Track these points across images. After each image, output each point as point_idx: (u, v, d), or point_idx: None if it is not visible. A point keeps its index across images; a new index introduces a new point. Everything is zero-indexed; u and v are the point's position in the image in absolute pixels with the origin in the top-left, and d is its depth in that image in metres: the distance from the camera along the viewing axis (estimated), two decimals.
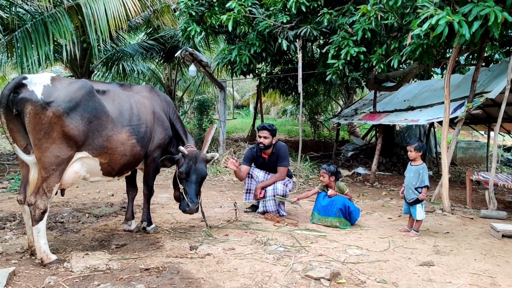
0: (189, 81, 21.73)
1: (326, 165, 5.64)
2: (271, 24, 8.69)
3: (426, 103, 9.31)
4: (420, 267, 3.88)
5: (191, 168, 4.50)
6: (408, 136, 13.42)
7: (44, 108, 3.44)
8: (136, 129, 4.17)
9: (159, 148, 4.59)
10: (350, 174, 10.66)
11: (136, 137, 4.17)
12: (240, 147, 12.15)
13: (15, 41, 8.64)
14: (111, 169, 4.09)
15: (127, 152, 4.10)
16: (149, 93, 4.68)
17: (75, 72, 13.57)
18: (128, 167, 4.32)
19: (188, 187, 4.49)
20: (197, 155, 4.56)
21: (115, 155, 4.01)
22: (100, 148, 3.88)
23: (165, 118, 4.68)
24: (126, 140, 4.06)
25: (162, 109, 4.68)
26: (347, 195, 5.45)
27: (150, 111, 4.45)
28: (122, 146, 4.03)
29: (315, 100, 18.64)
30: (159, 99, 4.74)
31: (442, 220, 5.86)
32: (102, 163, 3.98)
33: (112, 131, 3.94)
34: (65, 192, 4.17)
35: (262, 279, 3.45)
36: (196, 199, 4.47)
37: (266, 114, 32.14)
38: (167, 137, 4.67)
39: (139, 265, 3.65)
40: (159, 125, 4.55)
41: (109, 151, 3.95)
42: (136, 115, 4.21)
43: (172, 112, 4.87)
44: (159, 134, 4.54)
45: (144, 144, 4.31)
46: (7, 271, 3.26)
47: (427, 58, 6.60)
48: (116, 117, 4.00)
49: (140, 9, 9.29)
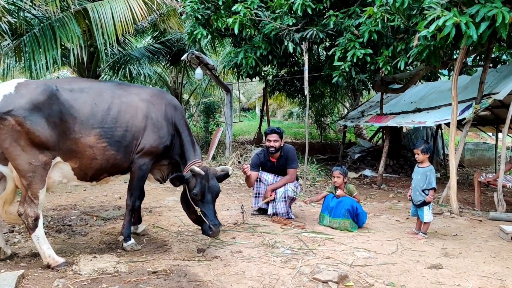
0: (195, 84, 21.80)
1: (339, 166, 5.62)
2: (277, 26, 8.70)
3: (433, 104, 9.26)
4: (428, 269, 3.85)
5: (205, 188, 4.11)
6: (415, 138, 13.36)
7: (3, 118, 3.41)
8: (109, 132, 3.93)
9: (149, 156, 4.22)
10: (357, 177, 10.62)
11: (109, 140, 3.92)
12: (246, 149, 12.15)
13: (23, 45, 8.71)
14: (83, 173, 3.94)
15: (98, 156, 3.89)
16: (149, 97, 4.34)
17: (82, 76, 13.66)
18: (104, 172, 4.06)
19: (205, 208, 4.10)
20: (208, 172, 4.19)
21: (84, 159, 3.85)
22: (68, 152, 3.77)
23: (165, 125, 4.32)
24: (95, 143, 3.85)
25: (163, 115, 4.33)
26: (355, 198, 5.43)
27: (141, 115, 4.16)
28: (90, 149, 3.84)
29: (322, 103, 18.62)
30: (163, 104, 4.39)
31: (451, 222, 5.82)
32: (74, 167, 3.86)
33: (80, 133, 3.78)
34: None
35: (270, 282, 3.45)
36: (217, 220, 4.12)
37: (272, 116, 32.15)
38: (162, 146, 4.28)
39: (147, 268, 3.66)
40: (153, 132, 4.20)
41: (77, 155, 3.82)
42: (113, 117, 3.97)
43: (179, 118, 4.51)
44: (151, 141, 4.19)
45: (122, 148, 4.03)
46: (16, 274, 3.29)
47: (434, 59, 6.57)
48: (86, 119, 3.82)
49: (147, 13, 9.33)
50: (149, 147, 4.19)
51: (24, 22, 8.91)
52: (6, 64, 11.12)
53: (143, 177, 4.32)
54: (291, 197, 5.66)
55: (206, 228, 4.10)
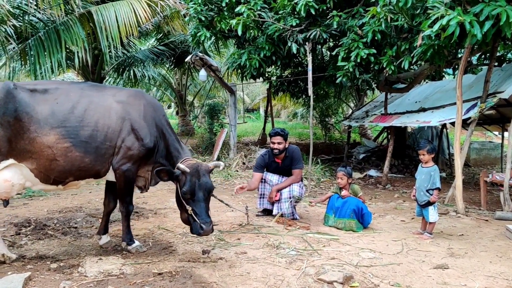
0: (199, 86, 21.86)
1: (343, 167, 5.61)
2: (281, 27, 8.70)
3: (438, 104, 9.23)
4: (434, 270, 3.84)
5: (195, 185, 3.89)
6: (420, 138, 13.30)
7: None
8: (73, 132, 3.72)
9: (130, 161, 3.99)
10: (362, 177, 10.60)
11: (72, 140, 3.71)
12: (251, 150, 12.17)
13: (28, 49, 8.79)
14: (45, 176, 3.75)
15: (59, 157, 3.69)
16: (126, 98, 4.12)
17: (87, 79, 13.74)
18: (69, 175, 3.83)
19: (196, 207, 3.89)
20: (199, 169, 3.96)
21: (42, 160, 3.66)
22: (23, 152, 3.61)
23: (144, 126, 4.07)
24: (55, 143, 3.66)
25: (143, 116, 4.09)
26: (360, 198, 5.42)
27: (115, 116, 3.94)
28: (49, 150, 3.65)
29: (326, 103, 18.58)
30: (141, 105, 4.15)
31: (456, 222, 5.79)
32: (31, 169, 3.68)
33: (35, 133, 3.60)
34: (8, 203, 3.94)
35: (275, 283, 3.45)
36: (208, 219, 3.89)
37: (277, 117, 32.12)
38: (143, 149, 4.04)
39: (152, 269, 3.68)
40: (131, 134, 3.98)
41: (34, 155, 3.64)
42: (78, 116, 3.76)
43: (160, 119, 4.27)
44: (129, 143, 3.96)
45: (91, 150, 3.82)
46: (23, 276, 3.31)
47: (438, 59, 6.55)
48: (44, 118, 3.64)
49: (151, 15, 9.39)
50: (128, 150, 3.97)
51: (29, 26, 8.98)
52: (12, 68, 11.18)
53: (129, 182, 4.10)
54: (297, 197, 5.66)
55: (196, 227, 3.87)
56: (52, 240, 4.72)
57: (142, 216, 5.98)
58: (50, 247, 4.43)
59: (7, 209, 6.18)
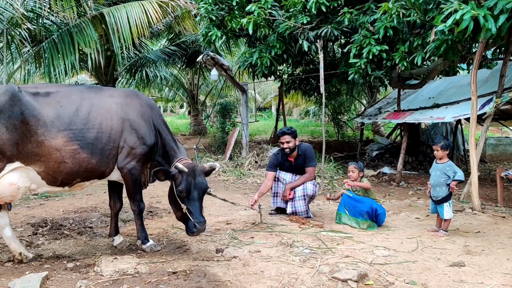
0: (211, 85, 21.95)
1: (354, 161, 5.61)
2: (292, 25, 8.67)
3: (452, 100, 9.11)
4: (450, 267, 3.79)
5: (191, 185, 3.99)
6: (434, 134, 13.16)
7: None
8: (80, 134, 3.78)
9: (135, 159, 4.08)
10: (376, 174, 10.52)
11: (80, 142, 3.78)
12: (263, 149, 12.16)
13: (42, 51, 8.92)
14: (52, 178, 3.78)
15: (67, 159, 3.74)
16: (123, 98, 4.19)
17: (100, 80, 13.90)
18: (76, 177, 3.89)
19: (191, 205, 3.99)
20: (195, 169, 4.06)
21: (50, 163, 3.69)
22: (30, 155, 3.62)
23: (144, 125, 4.16)
24: (63, 145, 3.70)
25: (140, 116, 4.17)
26: (364, 186, 5.40)
27: (116, 117, 4.02)
28: (58, 152, 3.69)
29: (338, 100, 18.49)
30: (139, 105, 4.23)
31: (472, 219, 5.72)
32: (39, 171, 3.71)
33: (43, 136, 3.63)
34: (11, 206, 3.98)
35: (289, 281, 3.45)
36: (202, 218, 4.00)
37: (289, 115, 32.09)
38: (144, 147, 4.13)
39: (167, 268, 3.70)
40: (132, 133, 4.06)
41: (42, 158, 3.66)
42: (83, 118, 3.83)
43: (156, 118, 4.35)
44: (131, 143, 4.05)
45: (97, 151, 3.89)
46: (40, 276, 3.36)
47: (452, 54, 6.46)
48: (51, 121, 3.68)
49: (162, 16, 9.45)
50: (131, 150, 4.06)
51: (43, 28, 9.12)
52: (27, 70, 11.37)
53: (136, 180, 4.18)
54: (310, 195, 5.64)
55: (190, 226, 3.99)
56: (68, 240, 4.79)
57: (156, 215, 6.03)
58: (66, 247, 4.50)
59: (24, 209, 6.30)
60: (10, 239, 3.92)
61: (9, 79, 8.94)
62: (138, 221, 4.36)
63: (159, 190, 7.72)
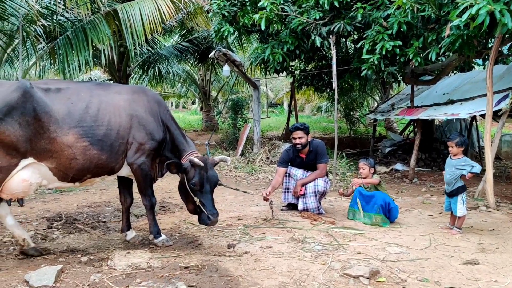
0: (223, 81, 21.97)
1: (364, 158, 5.58)
2: (304, 21, 8.63)
3: (467, 96, 8.99)
4: (464, 265, 3.76)
5: (204, 178, 4.11)
6: (448, 131, 13.00)
7: None
8: (90, 131, 3.83)
9: (144, 154, 4.13)
10: (388, 171, 10.44)
11: (90, 139, 3.82)
12: (275, 145, 12.15)
13: (57, 48, 9.02)
14: (63, 174, 3.83)
15: (78, 156, 3.78)
16: (131, 95, 4.23)
17: (113, 76, 14.01)
18: (87, 173, 3.94)
19: (204, 198, 4.12)
20: (206, 162, 4.18)
21: (62, 159, 3.74)
22: (43, 151, 3.67)
23: (152, 120, 4.21)
24: (74, 142, 3.75)
25: (148, 111, 4.23)
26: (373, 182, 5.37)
27: (125, 114, 4.06)
28: (69, 149, 3.73)
29: (351, 96, 18.35)
30: (146, 101, 4.29)
31: (487, 217, 5.65)
32: (51, 167, 3.75)
33: (56, 132, 3.67)
34: (23, 202, 4.03)
35: (300, 277, 3.45)
36: (215, 210, 4.14)
37: (301, 111, 31.97)
38: (153, 142, 4.18)
39: (179, 263, 3.73)
40: (140, 129, 4.11)
41: (54, 155, 3.71)
42: (92, 115, 3.87)
43: (164, 113, 4.40)
44: (139, 138, 4.10)
45: (107, 148, 3.93)
46: (56, 269, 3.42)
47: (468, 49, 6.37)
48: (62, 118, 3.72)
49: (174, 12, 9.46)
50: (140, 145, 4.11)
51: (57, 25, 9.20)
52: (42, 67, 11.51)
53: (147, 175, 4.24)
54: (321, 192, 5.63)
55: (204, 218, 4.12)
56: (82, 234, 4.86)
57: (169, 210, 6.08)
58: (80, 241, 4.56)
59: (39, 203, 6.40)
60: (13, 226, 3.96)
61: (25, 75, 9.06)
62: (150, 215, 4.40)
63: (171, 185, 7.78)
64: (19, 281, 3.32)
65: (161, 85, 20.98)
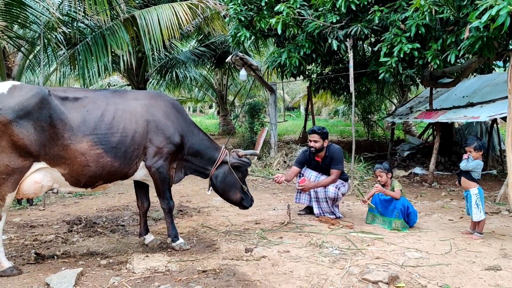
0: (240, 86, 22.08)
1: (379, 164, 5.48)
2: (321, 24, 8.60)
3: (487, 98, 8.82)
4: (486, 271, 3.68)
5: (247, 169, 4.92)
6: (468, 134, 12.78)
7: None
8: (104, 138, 3.88)
9: (161, 158, 4.21)
10: (407, 175, 10.31)
11: (104, 146, 3.86)
12: (291, 149, 12.11)
13: (77, 54, 9.19)
14: (76, 180, 3.88)
15: (91, 163, 3.83)
16: (148, 100, 4.30)
17: (131, 81, 14.21)
18: (99, 179, 3.99)
19: (245, 184, 4.83)
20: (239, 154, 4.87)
21: (75, 166, 3.79)
22: (56, 157, 3.72)
23: (170, 125, 4.28)
24: (88, 149, 3.79)
25: (166, 116, 4.30)
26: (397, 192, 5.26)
27: (142, 120, 4.12)
28: (82, 156, 3.78)
29: (368, 99, 18.20)
30: (164, 106, 4.36)
31: (509, 222, 5.53)
32: (63, 173, 3.81)
33: (70, 140, 3.73)
34: (32, 201, 4.08)
35: (318, 282, 3.43)
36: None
37: (317, 115, 31.87)
38: (171, 146, 4.25)
39: (197, 267, 3.75)
40: (158, 134, 4.17)
41: (67, 161, 3.76)
42: (107, 123, 3.92)
43: (184, 118, 4.55)
44: (158, 143, 4.16)
45: (121, 155, 3.98)
46: (76, 272, 3.48)
47: (488, 51, 6.25)
48: (77, 126, 3.77)
49: (191, 17, 9.56)
50: (159, 149, 4.18)
51: (77, 32, 9.39)
52: (62, 73, 11.75)
53: (165, 179, 4.30)
54: (332, 198, 5.57)
55: (248, 200, 4.87)
56: (102, 237, 4.93)
57: (186, 214, 6.12)
58: (99, 244, 4.63)
59: (59, 207, 6.52)
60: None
61: (46, 81, 9.24)
62: (168, 219, 4.46)
63: (189, 190, 7.84)
64: (40, 284, 3.39)
65: (178, 89, 21.18)
